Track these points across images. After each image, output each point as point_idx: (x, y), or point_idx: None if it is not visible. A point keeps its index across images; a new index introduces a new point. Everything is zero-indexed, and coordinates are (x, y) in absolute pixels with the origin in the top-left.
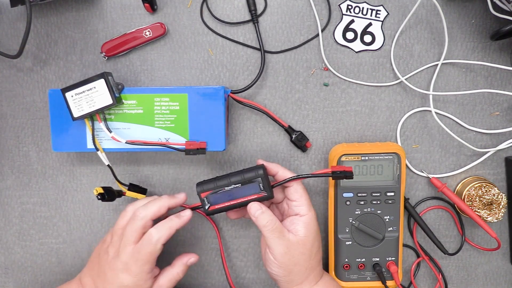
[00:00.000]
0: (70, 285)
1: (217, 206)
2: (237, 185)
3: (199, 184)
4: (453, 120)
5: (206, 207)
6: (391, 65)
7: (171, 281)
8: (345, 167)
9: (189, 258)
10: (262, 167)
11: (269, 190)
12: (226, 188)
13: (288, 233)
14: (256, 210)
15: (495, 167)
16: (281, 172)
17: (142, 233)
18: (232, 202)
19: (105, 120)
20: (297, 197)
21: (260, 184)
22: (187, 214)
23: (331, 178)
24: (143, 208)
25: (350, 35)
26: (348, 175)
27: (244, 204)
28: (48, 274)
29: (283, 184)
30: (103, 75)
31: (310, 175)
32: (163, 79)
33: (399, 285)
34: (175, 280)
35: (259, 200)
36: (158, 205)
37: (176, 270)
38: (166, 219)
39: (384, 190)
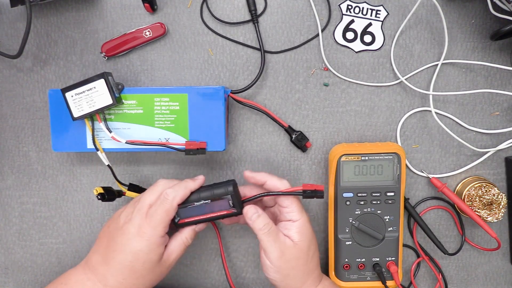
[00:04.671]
0: (75, 270)
1: (186, 220)
2: (206, 201)
3: None
4: (453, 120)
5: (176, 220)
6: (391, 65)
7: (181, 246)
8: (316, 186)
9: (197, 225)
10: (232, 183)
11: (239, 206)
12: (196, 203)
13: (283, 237)
14: (253, 213)
15: (495, 167)
16: (270, 181)
17: (158, 198)
18: (201, 217)
19: (105, 120)
20: (287, 204)
21: (230, 201)
22: (200, 177)
23: (301, 197)
24: (173, 191)
25: (350, 35)
26: (319, 194)
27: (214, 219)
28: (48, 274)
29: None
30: (103, 75)
31: (280, 193)
32: (163, 79)
33: (399, 285)
34: (185, 245)
35: (228, 216)
36: (183, 187)
37: (184, 235)
38: (181, 181)
39: (384, 190)
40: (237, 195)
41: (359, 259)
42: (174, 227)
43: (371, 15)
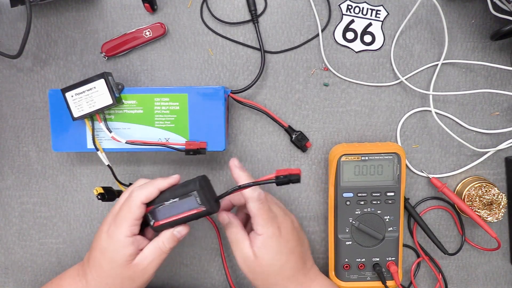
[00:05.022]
0: (73, 266)
1: (161, 222)
2: (175, 200)
3: None
4: (453, 120)
5: (151, 223)
6: (391, 65)
7: (156, 250)
8: (291, 170)
9: (177, 228)
10: (199, 179)
11: (209, 204)
12: (165, 202)
13: (247, 248)
14: (223, 220)
15: (495, 167)
16: (243, 180)
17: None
18: (174, 218)
19: (105, 120)
20: (253, 214)
21: (197, 198)
22: (174, 176)
23: (275, 184)
24: (138, 189)
25: (350, 35)
26: (294, 179)
27: (189, 220)
28: (48, 274)
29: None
30: (103, 75)
31: (252, 183)
32: (163, 79)
33: (399, 285)
34: (161, 251)
35: (200, 215)
36: (151, 187)
37: (161, 238)
38: (152, 180)
39: (384, 190)
40: (206, 192)
41: (359, 259)
42: (153, 232)
43: (371, 15)
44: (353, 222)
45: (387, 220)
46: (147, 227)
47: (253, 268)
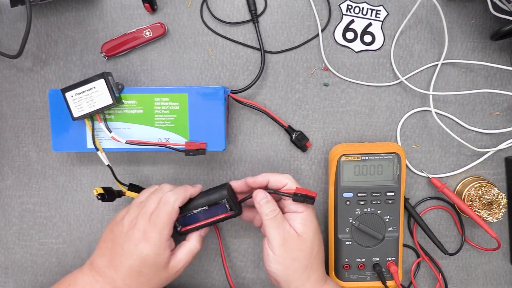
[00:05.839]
0: (81, 272)
1: (188, 227)
2: (204, 207)
3: None
4: (453, 120)
5: (178, 229)
6: (391, 65)
7: (189, 253)
8: (309, 192)
9: (202, 228)
10: (226, 187)
11: (236, 207)
12: (194, 211)
13: (288, 226)
14: (262, 198)
15: (495, 167)
16: (273, 179)
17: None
18: (202, 223)
19: (105, 120)
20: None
21: (227, 205)
22: (198, 186)
23: (291, 199)
24: (173, 193)
25: (350, 35)
26: (309, 200)
27: (215, 223)
28: (48, 274)
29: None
30: (103, 75)
31: (271, 191)
32: (163, 79)
33: (399, 285)
34: (193, 253)
35: (227, 218)
36: (183, 191)
37: (192, 242)
38: (181, 186)
39: (384, 190)
40: (232, 197)
41: (359, 259)
42: (177, 235)
43: (371, 15)
44: (353, 222)
45: (387, 220)
46: None
47: (294, 246)
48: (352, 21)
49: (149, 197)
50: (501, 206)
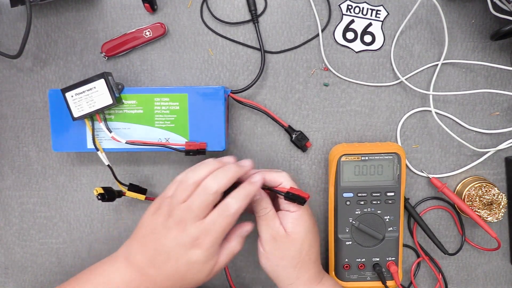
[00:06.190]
0: (115, 266)
1: None
2: None
3: None
4: (453, 120)
5: None
6: (391, 65)
7: (230, 255)
8: (302, 192)
9: (243, 228)
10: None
11: None
12: None
13: (278, 225)
14: (256, 195)
15: (495, 167)
16: (268, 177)
17: (212, 207)
18: None
19: (105, 120)
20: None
21: None
22: (258, 178)
23: (283, 197)
24: (213, 181)
25: (350, 35)
26: (300, 201)
27: None
28: (48, 274)
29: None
30: (103, 75)
31: (267, 187)
32: (163, 79)
33: (399, 285)
34: (234, 254)
35: None
36: (228, 177)
37: (233, 243)
38: (240, 188)
39: (384, 190)
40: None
41: (359, 259)
42: None
43: (371, 15)
44: (353, 222)
45: (387, 220)
46: None
47: (283, 245)
48: (352, 21)
49: (194, 200)
50: (501, 206)
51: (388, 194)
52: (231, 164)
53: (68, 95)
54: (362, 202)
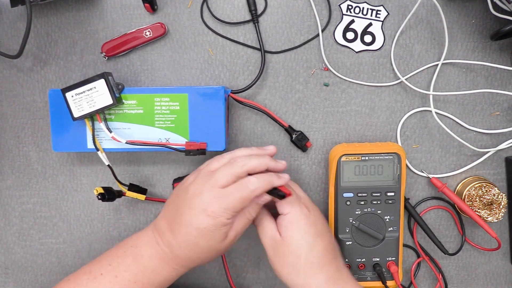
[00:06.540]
0: (145, 232)
1: None
2: None
3: (176, 180)
4: (453, 120)
5: None
6: (391, 65)
7: (245, 222)
8: (285, 189)
9: (261, 198)
10: None
11: None
12: None
13: (273, 231)
14: (266, 197)
15: (495, 167)
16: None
17: (234, 181)
18: None
19: (105, 120)
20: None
21: None
22: (286, 177)
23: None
24: (245, 158)
25: (350, 35)
26: (279, 194)
27: None
28: (48, 274)
29: None
30: (103, 75)
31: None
32: (163, 79)
33: (399, 285)
34: (248, 221)
35: None
36: (260, 161)
37: (248, 210)
38: (266, 174)
39: (384, 190)
40: None
41: (359, 259)
42: None
43: (371, 15)
44: (353, 222)
45: (387, 220)
46: None
47: (280, 251)
48: (352, 21)
49: (220, 169)
50: (501, 206)
51: (388, 194)
52: (268, 156)
53: (68, 95)
54: (362, 202)
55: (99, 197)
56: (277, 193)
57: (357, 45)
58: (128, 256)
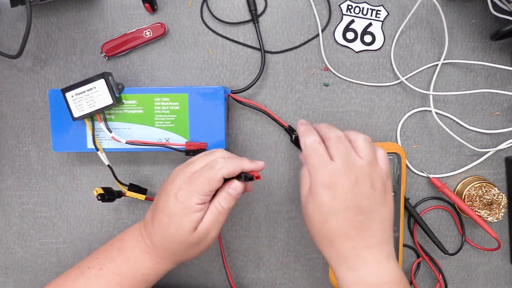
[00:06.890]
0: (134, 225)
1: None
2: None
3: None
4: (453, 120)
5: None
6: (391, 65)
7: (214, 214)
8: (255, 173)
9: (231, 184)
10: None
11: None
12: None
13: (307, 188)
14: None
15: (495, 167)
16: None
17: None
18: None
19: (105, 120)
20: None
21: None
22: (260, 163)
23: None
24: (224, 152)
25: (350, 35)
26: (248, 176)
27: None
28: (48, 274)
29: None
30: (103, 75)
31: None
32: (163, 79)
33: None
34: (219, 213)
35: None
36: (238, 161)
37: (217, 200)
38: (238, 158)
39: None
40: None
41: None
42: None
43: (371, 15)
44: None
45: None
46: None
47: (310, 209)
48: (352, 21)
49: (199, 158)
50: (501, 206)
51: None
52: (244, 158)
53: (68, 95)
54: None
55: (99, 198)
56: (245, 173)
57: (357, 45)
58: (114, 249)
